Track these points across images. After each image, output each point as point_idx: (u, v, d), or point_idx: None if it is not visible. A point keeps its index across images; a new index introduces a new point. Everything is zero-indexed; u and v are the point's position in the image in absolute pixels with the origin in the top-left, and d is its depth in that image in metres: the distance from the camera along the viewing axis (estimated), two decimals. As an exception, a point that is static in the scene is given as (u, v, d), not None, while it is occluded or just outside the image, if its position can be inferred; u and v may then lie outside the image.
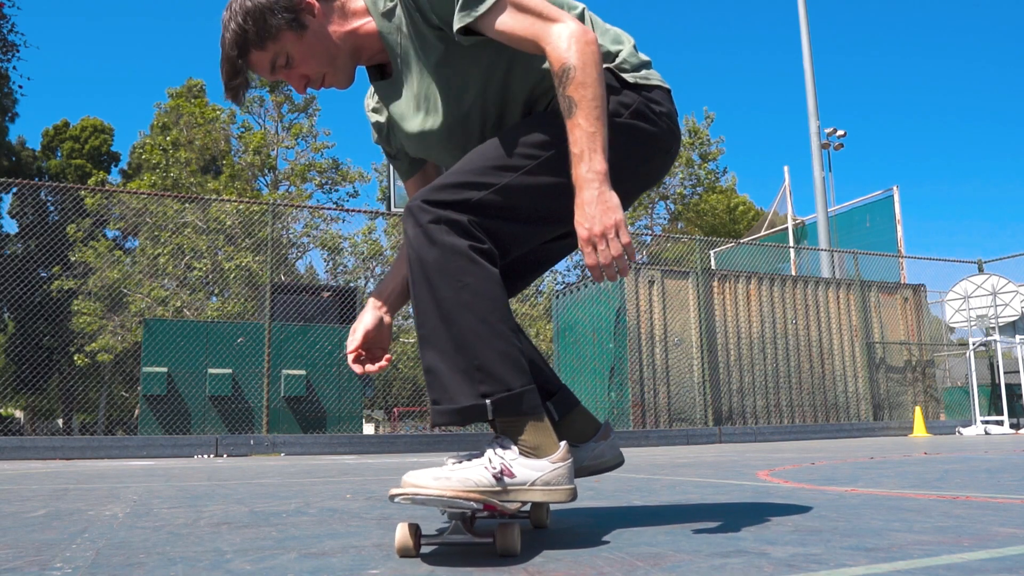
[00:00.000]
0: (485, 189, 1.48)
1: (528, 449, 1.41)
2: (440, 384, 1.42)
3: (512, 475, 1.38)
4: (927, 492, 2.41)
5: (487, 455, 1.40)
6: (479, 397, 1.39)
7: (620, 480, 3.34)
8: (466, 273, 1.42)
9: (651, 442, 9.70)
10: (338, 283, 22.20)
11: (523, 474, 1.39)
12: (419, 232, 1.45)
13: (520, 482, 1.39)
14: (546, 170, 1.52)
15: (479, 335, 1.41)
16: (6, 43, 25.21)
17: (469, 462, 1.40)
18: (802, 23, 16.41)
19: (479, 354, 1.40)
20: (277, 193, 25.76)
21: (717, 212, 29.00)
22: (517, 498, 1.39)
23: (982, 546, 1.34)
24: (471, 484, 1.34)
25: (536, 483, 1.40)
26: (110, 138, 35.08)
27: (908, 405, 12.37)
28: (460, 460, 1.41)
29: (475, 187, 1.48)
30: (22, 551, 1.52)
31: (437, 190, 1.47)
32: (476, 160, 1.52)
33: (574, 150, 1.44)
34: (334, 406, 9.49)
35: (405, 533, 1.35)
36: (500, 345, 1.42)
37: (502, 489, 1.37)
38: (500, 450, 1.41)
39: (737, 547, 1.37)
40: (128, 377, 22.66)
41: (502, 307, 1.45)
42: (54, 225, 23.62)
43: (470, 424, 1.44)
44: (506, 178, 1.50)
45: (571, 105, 1.45)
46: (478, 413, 1.40)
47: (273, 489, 3.11)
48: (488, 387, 1.40)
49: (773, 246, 17.16)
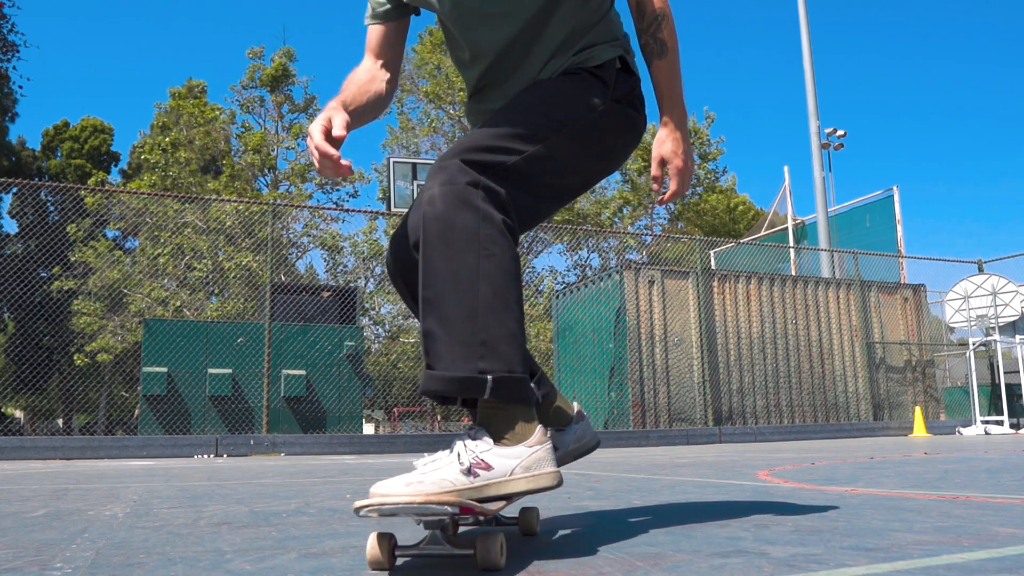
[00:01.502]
0: (518, 155, 1.45)
1: (507, 440, 1.32)
2: (437, 351, 1.34)
3: (488, 467, 1.27)
4: (927, 492, 2.41)
5: (456, 449, 1.29)
6: (478, 372, 1.31)
7: (620, 480, 3.34)
8: (495, 243, 1.36)
9: (651, 442, 9.70)
10: (338, 283, 22.20)
11: (500, 464, 1.29)
12: (451, 191, 1.37)
13: (498, 474, 1.28)
14: (569, 143, 1.51)
15: (493, 309, 1.34)
16: (6, 43, 25.20)
17: (443, 459, 1.28)
18: (802, 23, 16.41)
19: (488, 328, 1.33)
20: (277, 193, 25.76)
21: (717, 212, 29.00)
22: (500, 492, 1.28)
23: (982, 546, 1.33)
24: (447, 485, 1.21)
25: (515, 471, 1.30)
26: (110, 138, 35.08)
27: (908, 405, 12.37)
28: (433, 459, 1.29)
29: (511, 152, 1.44)
30: (22, 551, 1.52)
31: (476, 151, 1.42)
32: (510, 121, 1.48)
33: (668, 89, 1.60)
34: (334, 406, 9.49)
35: (374, 544, 1.22)
36: (511, 324, 1.35)
37: (482, 484, 1.26)
38: (471, 442, 1.30)
39: (737, 547, 1.37)
40: (128, 377, 22.66)
41: (519, 288, 1.40)
42: (54, 225, 23.62)
43: (463, 397, 1.34)
44: (534, 147, 1.47)
45: (663, 48, 1.58)
46: (476, 387, 1.31)
47: (273, 489, 3.11)
48: (489, 364, 1.32)
49: (773, 246, 17.16)
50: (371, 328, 22.32)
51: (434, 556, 1.31)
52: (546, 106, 1.52)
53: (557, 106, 1.52)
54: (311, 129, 1.48)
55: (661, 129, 1.63)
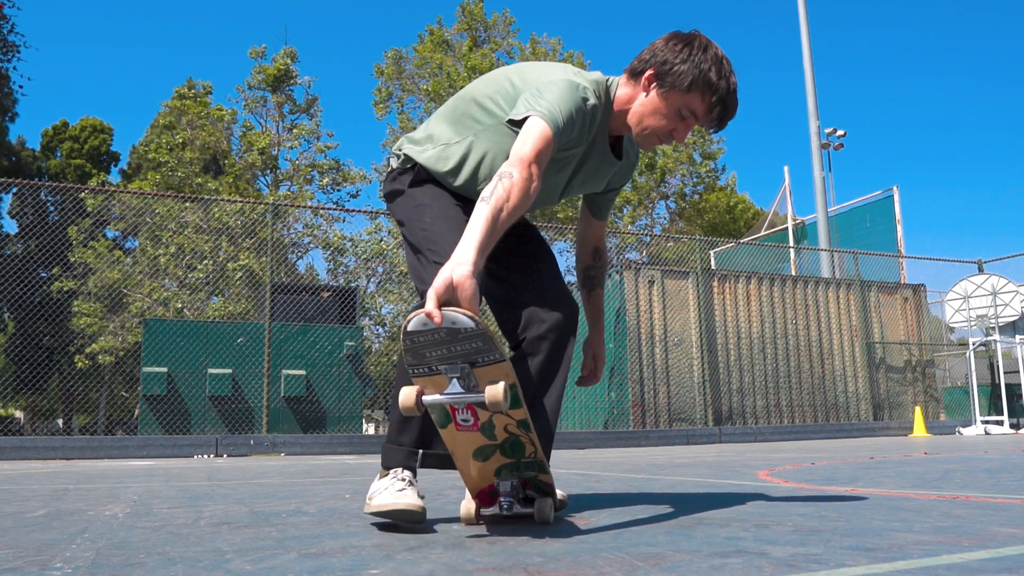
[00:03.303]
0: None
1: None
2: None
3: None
4: (927, 492, 2.41)
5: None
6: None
7: (620, 480, 3.34)
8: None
9: (651, 442, 9.70)
10: (338, 283, 22.19)
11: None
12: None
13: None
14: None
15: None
16: (6, 44, 25.20)
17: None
18: (802, 23, 16.41)
19: None
20: (279, 193, 25.76)
21: (718, 210, 29.02)
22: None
23: (982, 546, 1.33)
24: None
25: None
26: (109, 138, 35.04)
27: (908, 405, 12.36)
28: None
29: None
30: (22, 551, 1.52)
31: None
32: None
33: (600, 308, 2.37)
34: (334, 406, 9.48)
35: (469, 502, 1.77)
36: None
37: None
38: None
39: (737, 547, 1.37)
40: (128, 377, 22.65)
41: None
42: (54, 225, 23.60)
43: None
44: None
45: (602, 282, 2.40)
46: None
47: (273, 489, 3.11)
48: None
49: (773, 246, 17.15)
50: (371, 328, 22.32)
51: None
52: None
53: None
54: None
55: (596, 336, 2.25)
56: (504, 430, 1.67)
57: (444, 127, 2.01)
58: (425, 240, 1.89)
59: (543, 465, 1.75)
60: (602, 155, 2.00)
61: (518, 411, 1.64)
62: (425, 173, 1.99)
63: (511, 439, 1.69)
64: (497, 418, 1.64)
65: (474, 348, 1.52)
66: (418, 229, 1.92)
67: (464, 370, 1.54)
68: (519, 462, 1.73)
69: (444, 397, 1.56)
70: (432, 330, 1.49)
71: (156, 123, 28.00)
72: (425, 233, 1.90)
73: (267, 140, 25.45)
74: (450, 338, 1.50)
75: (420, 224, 1.92)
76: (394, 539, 1.59)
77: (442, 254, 1.77)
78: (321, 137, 26.40)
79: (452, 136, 1.98)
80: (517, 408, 1.63)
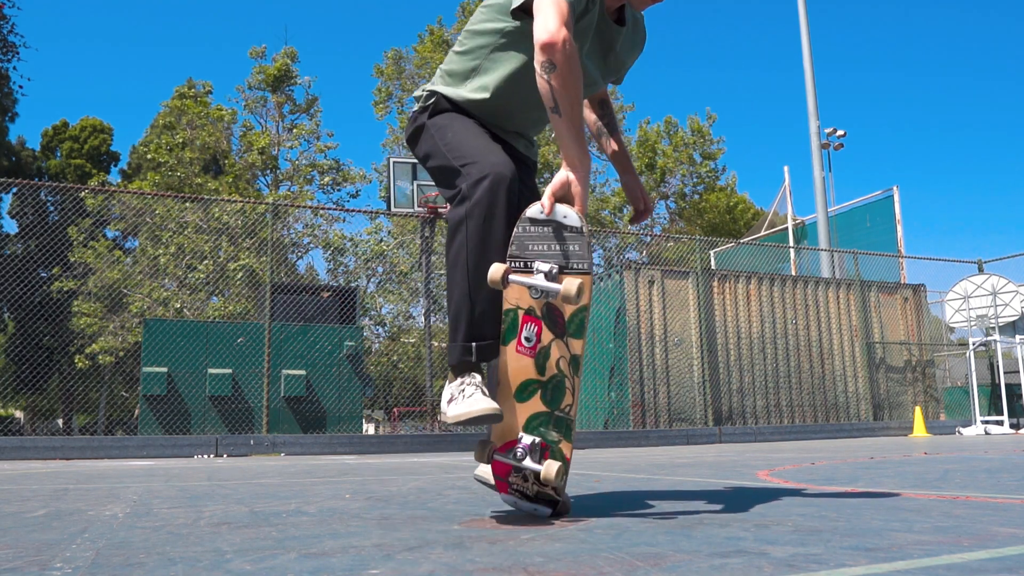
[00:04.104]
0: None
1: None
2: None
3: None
4: (927, 492, 2.41)
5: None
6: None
7: (620, 480, 3.34)
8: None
9: (651, 442, 9.70)
10: (338, 283, 22.18)
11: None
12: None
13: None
14: None
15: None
16: (6, 44, 25.20)
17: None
18: (802, 23, 16.41)
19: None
20: (279, 193, 25.75)
21: (718, 210, 29.03)
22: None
23: (982, 546, 1.33)
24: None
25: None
26: (109, 138, 35.03)
27: (908, 405, 12.36)
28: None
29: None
30: (22, 551, 1.52)
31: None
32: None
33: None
34: (334, 406, 9.48)
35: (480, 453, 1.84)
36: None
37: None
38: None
39: (737, 547, 1.37)
40: (128, 377, 22.64)
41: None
42: (54, 225, 23.59)
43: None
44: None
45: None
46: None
47: (273, 489, 3.11)
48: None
49: (773, 246, 17.15)
50: (371, 328, 22.31)
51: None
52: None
53: None
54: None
55: (632, 180, 2.33)
56: (556, 365, 1.74)
57: (455, 60, 2.07)
58: (449, 151, 1.92)
59: (570, 428, 1.77)
60: (607, 23, 2.03)
61: (577, 341, 1.73)
62: (445, 102, 2.04)
63: (557, 378, 1.75)
64: (555, 347, 1.72)
65: (572, 251, 1.69)
66: (441, 147, 1.96)
67: (553, 270, 1.69)
68: (552, 414, 1.77)
69: (528, 279, 1.70)
70: (545, 221, 1.69)
71: (156, 123, 27.98)
72: (448, 146, 1.93)
73: (267, 140, 25.44)
74: (556, 235, 1.68)
75: (443, 142, 1.96)
76: (394, 539, 1.59)
77: (467, 156, 1.83)
78: (321, 137, 26.41)
79: (465, 63, 2.04)
80: (579, 337, 1.74)
